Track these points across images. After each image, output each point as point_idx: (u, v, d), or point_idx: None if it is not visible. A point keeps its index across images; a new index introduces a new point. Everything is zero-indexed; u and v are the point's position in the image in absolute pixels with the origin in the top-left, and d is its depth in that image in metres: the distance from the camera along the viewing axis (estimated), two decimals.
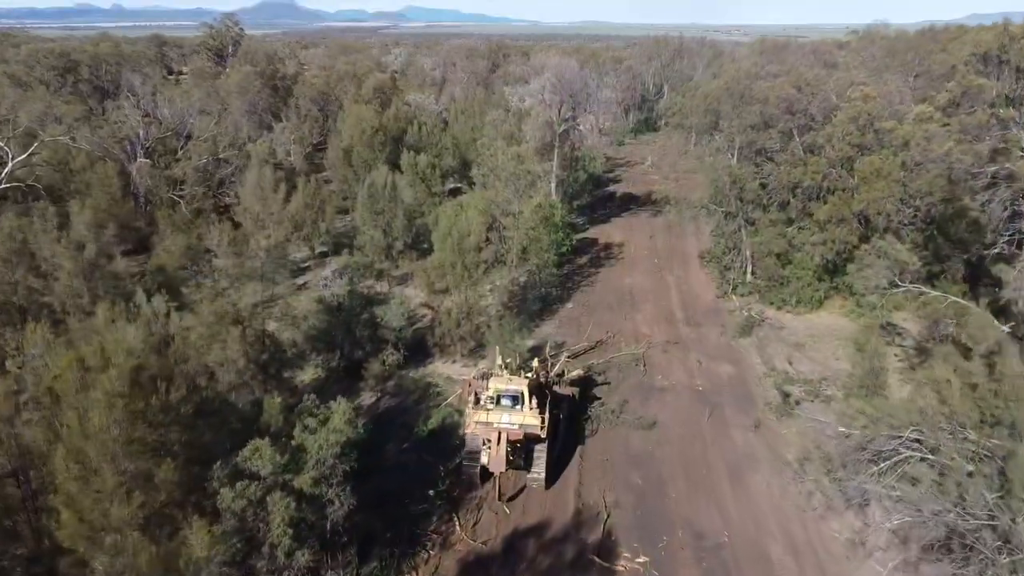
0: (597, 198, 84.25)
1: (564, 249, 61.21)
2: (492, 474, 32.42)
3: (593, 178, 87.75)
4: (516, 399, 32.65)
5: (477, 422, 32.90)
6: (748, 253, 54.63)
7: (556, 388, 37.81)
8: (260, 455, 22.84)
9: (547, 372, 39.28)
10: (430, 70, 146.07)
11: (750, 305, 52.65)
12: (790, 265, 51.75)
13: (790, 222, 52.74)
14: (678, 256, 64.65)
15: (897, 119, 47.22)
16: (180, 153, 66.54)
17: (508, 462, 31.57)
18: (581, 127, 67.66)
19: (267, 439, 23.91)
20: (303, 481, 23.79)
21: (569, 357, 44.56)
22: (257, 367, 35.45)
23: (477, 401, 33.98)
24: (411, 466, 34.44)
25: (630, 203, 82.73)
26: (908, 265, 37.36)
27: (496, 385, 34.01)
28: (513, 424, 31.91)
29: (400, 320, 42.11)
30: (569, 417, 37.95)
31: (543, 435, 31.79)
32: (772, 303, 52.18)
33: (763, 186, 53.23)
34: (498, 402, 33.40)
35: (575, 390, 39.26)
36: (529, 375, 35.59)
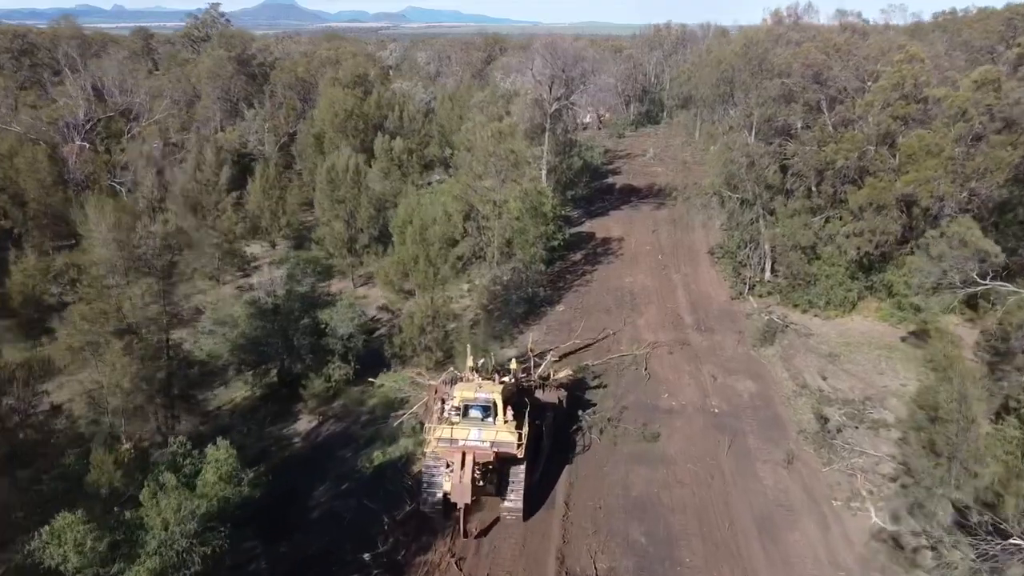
0: (595, 190, 76.10)
1: (555, 243, 53.09)
2: (458, 506, 24.96)
3: (590, 168, 79.57)
4: (487, 410, 26.29)
5: (439, 439, 25.55)
6: (767, 247, 46.45)
7: (539, 394, 30.71)
8: (62, 540, 14.67)
9: (529, 375, 31.91)
10: (424, 64, 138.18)
11: (770, 307, 44.48)
12: (818, 261, 43.57)
13: (816, 211, 44.54)
14: (685, 252, 56.47)
15: (949, 85, 38.98)
16: (126, 137, 58.51)
17: (476, 489, 25.04)
18: (576, 107, 59.35)
19: (87, 510, 15.75)
20: None
21: (557, 359, 36.69)
22: (154, 388, 27.42)
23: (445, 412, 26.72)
24: (347, 516, 26.39)
25: (631, 195, 74.57)
26: (991, 256, 29.17)
27: (462, 393, 26.70)
28: (483, 442, 25.39)
29: (348, 326, 34.01)
30: (555, 429, 30.47)
31: (520, 455, 25.41)
32: (796, 305, 43.99)
33: (785, 169, 45.04)
34: (465, 414, 26.32)
35: (563, 395, 31.78)
36: (506, 379, 28.35)
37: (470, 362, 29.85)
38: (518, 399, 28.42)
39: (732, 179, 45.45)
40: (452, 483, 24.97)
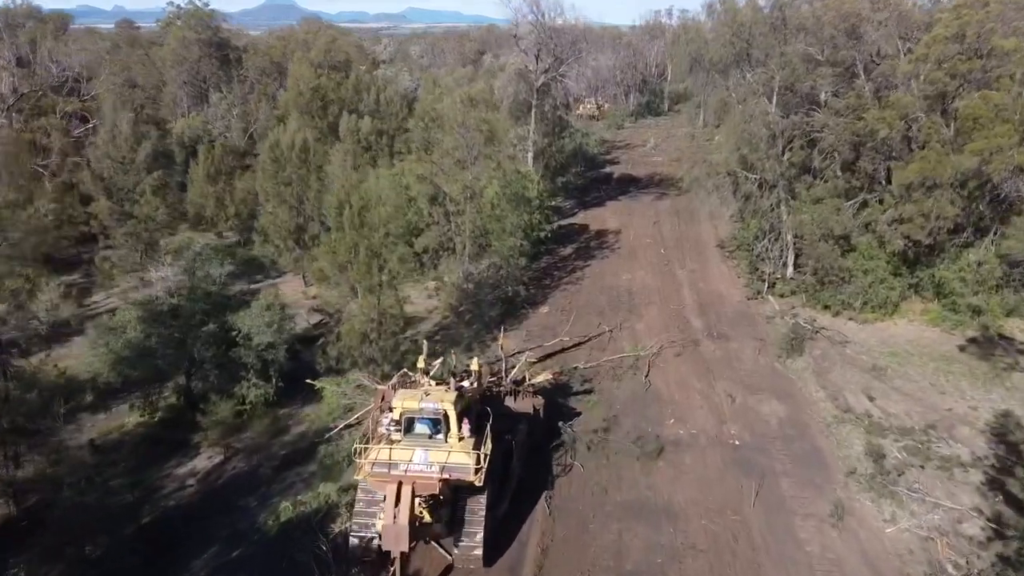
0: (590, 180, 68.38)
1: (541, 235, 45.36)
2: (391, 555, 18.54)
3: (585, 157, 71.90)
4: (437, 424, 20.16)
5: (374, 464, 19.35)
6: (789, 238, 38.65)
7: (510, 402, 24.78)
8: None
9: (498, 378, 25.82)
10: (417, 57, 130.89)
11: (794, 309, 36.74)
12: (852, 253, 35.82)
13: (850, 194, 36.79)
14: (691, 245, 48.69)
15: (1021, 37, 31.21)
16: (58, 115, 50.84)
17: (418, 531, 19.33)
18: (566, 79, 51.60)
19: None
20: None
21: (536, 360, 29.36)
22: None
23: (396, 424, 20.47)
24: None
25: (629, 185, 66.77)
26: None
27: (404, 402, 20.16)
28: (429, 466, 19.32)
29: (267, 333, 26.26)
30: (530, 445, 24.33)
31: (479, 481, 19.32)
32: (827, 306, 36.22)
33: (812, 144, 37.27)
34: (409, 429, 20.20)
35: (540, 403, 25.49)
36: (464, 384, 21.98)
37: (421, 362, 22.81)
38: (482, 408, 21.74)
39: (749, 156, 37.60)
40: (384, 524, 18.40)
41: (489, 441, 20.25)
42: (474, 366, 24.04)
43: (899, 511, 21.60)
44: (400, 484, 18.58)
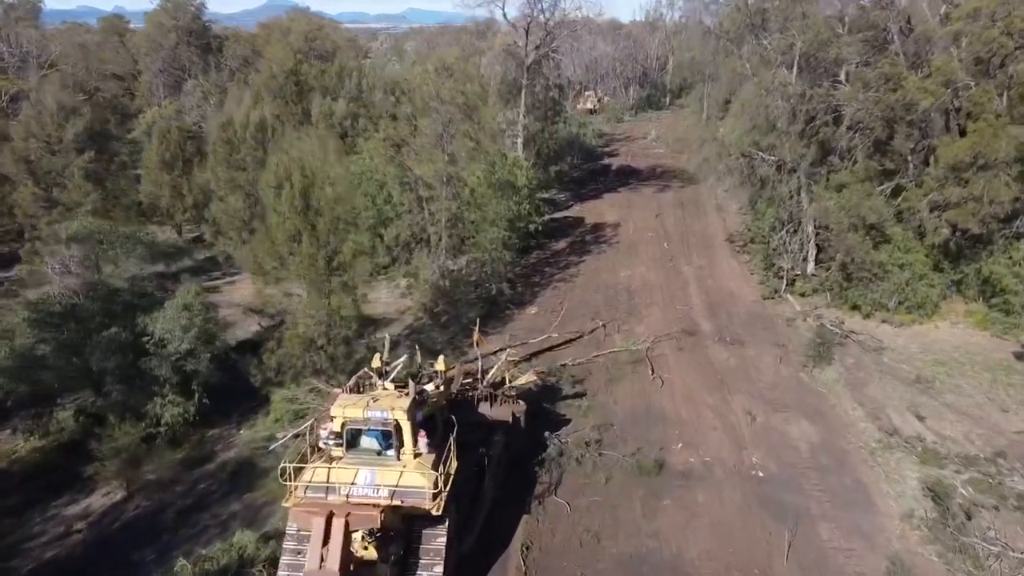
0: (587, 172, 63.41)
1: (530, 227, 40.40)
2: None
3: (582, 148, 66.97)
4: (388, 438, 16.00)
5: (308, 487, 15.38)
6: (810, 229, 33.62)
7: (486, 408, 20.88)
8: None
9: (474, 380, 21.71)
10: (413, 52, 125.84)
11: (817, 310, 31.76)
12: (886, 245, 30.77)
13: (882, 178, 31.81)
14: (697, 239, 43.64)
15: None
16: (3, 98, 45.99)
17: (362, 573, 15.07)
18: (559, 55, 46.57)
19: None
20: None
21: (518, 360, 24.65)
22: None
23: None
24: None
25: (629, 177, 61.71)
26: None
27: (346, 411, 15.92)
28: (375, 489, 15.26)
29: (184, 338, 21.26)
30: (509, 459, 20.40)
31: (438, 509, 15.23)
32: (855, 307, 31.27)
33: (837, 122, 32.27)
34: (353, 444, 16.14)
35: (521, 408, 21.32)
36: (429, 387, 17.96)
37: (376, 361, 18.73)
38: (448, 417, 17.80)
39: (764, 137, 32.61)
40: (307, 571, 14.39)
41: (454, 459, 16.22)
42: (440, 366, 19.43)
43: (976, 571, 16.59)
44: (330, 515, 14.18)
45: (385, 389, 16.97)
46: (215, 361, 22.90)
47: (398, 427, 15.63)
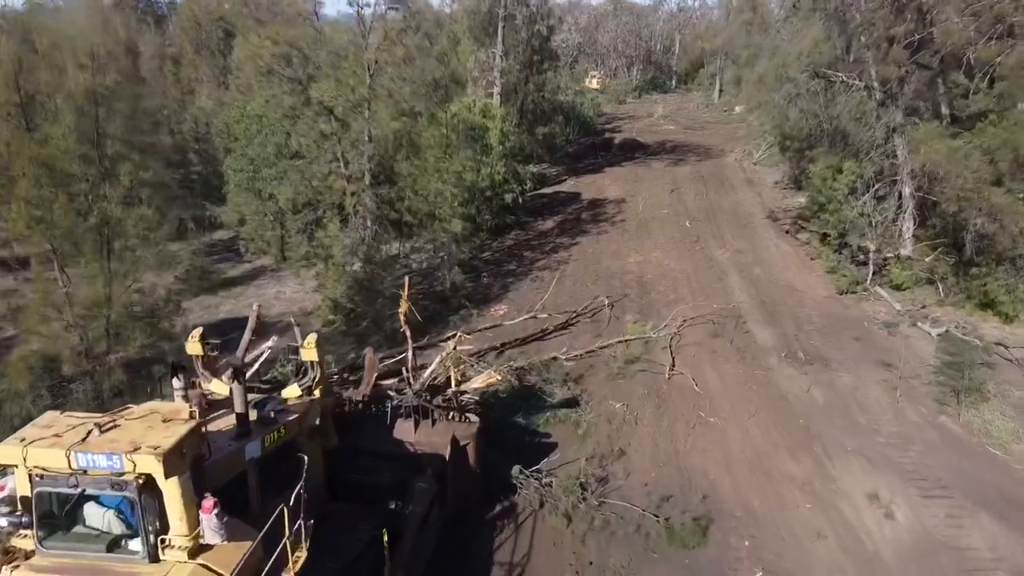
0: (585, 146, 52.30)
1: (506, 198, 29.25)
2: None
3: (580, 120, 55.87)
4: (132, 509, 7.46)
5: None
6: (908, 190, 22.45)
7: (408, 429, 12.42)
8: None
9: (399, 382, 13.75)
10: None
11: (925, 308, 20.66)
12: None
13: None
14: (727, 216, 32.46)
15: None
16: None
17: None
18: None
19: None
20: None
21: (476, 354, 16.60)
22: None
23: None
24: None
25: (635, 151, 50.58)
26: None
27: (33, 460, 7.22)
28: None
29: None
30: (441, 522, 11.98)
31: None
32: (988, 303, 20.09)
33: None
34: (52, 525, 7.50)
35: (471, 431, 12.75)
36: (284, 396, 10.70)
37: (194, 345, 10.64)
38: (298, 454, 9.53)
39: (847, 49, 21.42)
40: None
41: (301, 545, 8.21)
42: (310, 353, 10.72)
43: None
44: None
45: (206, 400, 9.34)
46: None
47: (149, 490, 7.42)
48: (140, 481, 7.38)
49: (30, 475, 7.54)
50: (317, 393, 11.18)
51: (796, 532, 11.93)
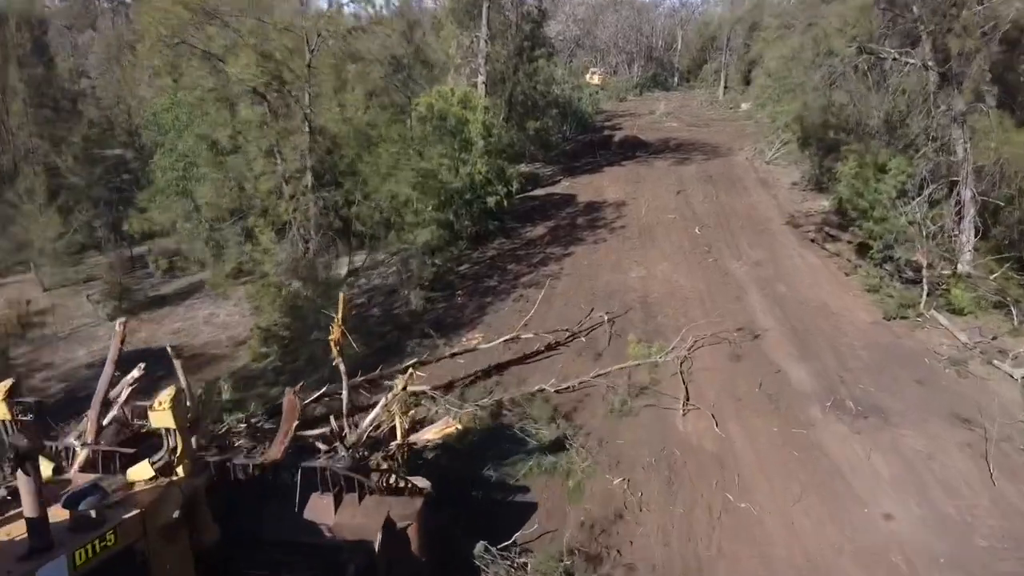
0: (582, 144, 48.22)
1: (488, 201, 25.12)
2: None
3: (576, 116, 51.75)
4: None
5: None
6: (968, 194, 18.27)
7: (326, 507, 8.60)
8: None
9: (331, 436, 10.16)
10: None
11: (995, 339, 16.48)
12: None
13: None
14: (741, 222, 28.29)
15: None
16: None
17: None
18: None
19: None
20: None
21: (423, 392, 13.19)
22: None
23: None
24: None
25: (637, 150, 46.45)
26: None
27: None
28: None
29: None
30: None
31: None
32: None
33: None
34: None
35: (410, 510, 8.71)
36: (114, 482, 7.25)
37: None
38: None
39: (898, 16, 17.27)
40: None
41: None
42: (162, 417, 7.25)
43: None
44: None
45: None
46: None
47: None
48: None
49: None
50: (180, 471, 7.42)
51: None
